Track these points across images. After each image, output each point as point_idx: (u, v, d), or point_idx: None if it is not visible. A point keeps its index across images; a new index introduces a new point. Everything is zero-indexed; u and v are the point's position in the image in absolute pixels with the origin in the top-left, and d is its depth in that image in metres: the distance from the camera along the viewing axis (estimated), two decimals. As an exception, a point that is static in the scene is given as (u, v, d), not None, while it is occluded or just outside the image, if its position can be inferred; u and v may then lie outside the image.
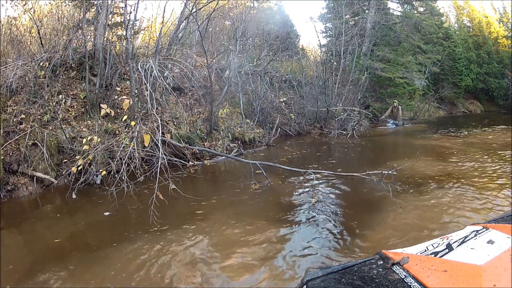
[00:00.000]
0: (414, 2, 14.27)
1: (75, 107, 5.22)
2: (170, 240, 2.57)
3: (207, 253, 2.37)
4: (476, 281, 0.89)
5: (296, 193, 3.66)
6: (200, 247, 2.45)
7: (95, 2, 6.18)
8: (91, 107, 5.21)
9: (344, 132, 8.32)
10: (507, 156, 4.90)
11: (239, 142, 6.43)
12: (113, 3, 6.33)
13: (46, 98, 4.82)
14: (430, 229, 2.57)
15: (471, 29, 18.56)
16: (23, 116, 4.50)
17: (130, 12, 6.17)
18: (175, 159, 4.68)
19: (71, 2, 6.28)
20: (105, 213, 3.26)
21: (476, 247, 1.09)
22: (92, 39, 5.98)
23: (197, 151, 5.39)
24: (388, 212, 2.98)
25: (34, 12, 5.80)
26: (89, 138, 4.10)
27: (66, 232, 2.90)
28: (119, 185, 3.53)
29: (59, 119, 4.51)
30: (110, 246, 2.56)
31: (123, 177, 3.55)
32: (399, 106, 10.28)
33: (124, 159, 3.86)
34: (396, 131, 9.36)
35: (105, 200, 3.47)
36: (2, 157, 3.92)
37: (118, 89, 6.03)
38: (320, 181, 4.06)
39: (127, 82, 5.99)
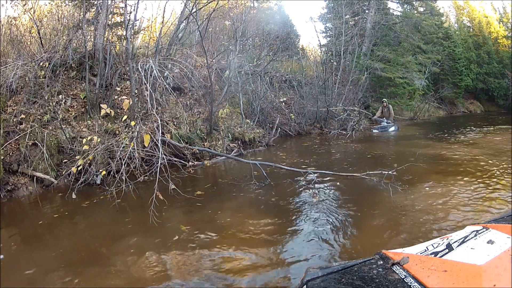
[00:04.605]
0: (414, 2, 14.29)
1: (75, 107, 5.22)
2: (170, 240, 2.56)
3: (207, 252, 2.37)
4: (476, 281, 0.89)
5: (296, 193, 3.66)
6: (200, 247, 2.45)
7: (95, 2, 6.18)
8: (91, 107, 5.21)
9: (344, 132, 8.31)
10: (507, 156, 4.89)
11: (239, 142, 6.42)
12: (113, 3, 6.32)
13: (46, 98, 4.82)
14: (430, 229, 2.56)
15: (471, 29, 18.58)
16: (23, 116, 4.50)
17: (130, 12, 6.17)
18: (175, 159, 4.68)
19: (71, 2, 6.27)
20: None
21: (476, 247, 1.09)
22: (92, 39, 5.98)
23: (197, 151, 5.39)
24: (388, 212, 2.98)
25: (34, 12, 5.79)
26: (89, 138, 4.10)
27: (65, 233, 2.90)
28: (119, 185, 3.53)
29: (59, 119, 4.51)
30: (108, 245, 2.56)
31: (123, 177, 3.54)
32: (389, 105, 10.07)
33: (124, 159, 3.86)
34: (383, 135, 8.74)
35: (105, 200, 3.47)
36: (2, 157, 3.91)
37: (118, 89, 6.02)
38: (320, 181, 4.05)
39: (127, 82, 5.98)
